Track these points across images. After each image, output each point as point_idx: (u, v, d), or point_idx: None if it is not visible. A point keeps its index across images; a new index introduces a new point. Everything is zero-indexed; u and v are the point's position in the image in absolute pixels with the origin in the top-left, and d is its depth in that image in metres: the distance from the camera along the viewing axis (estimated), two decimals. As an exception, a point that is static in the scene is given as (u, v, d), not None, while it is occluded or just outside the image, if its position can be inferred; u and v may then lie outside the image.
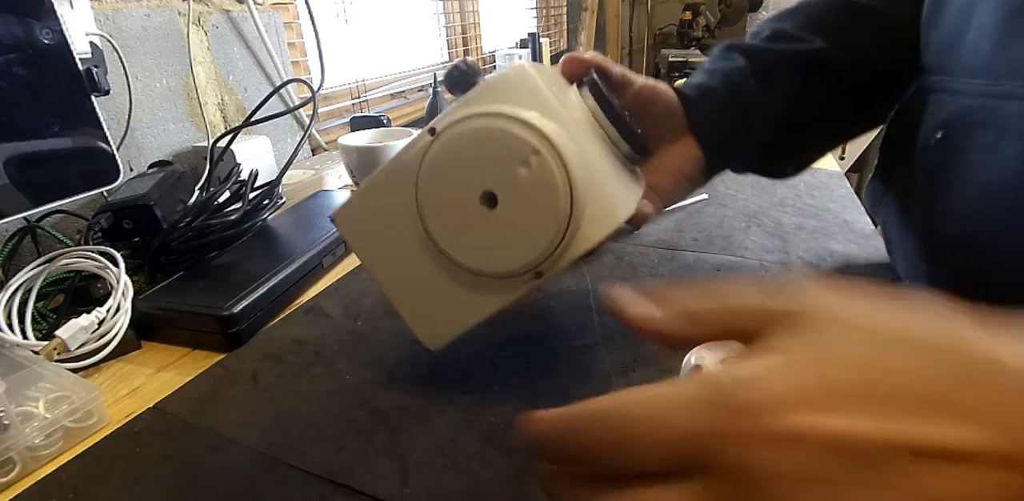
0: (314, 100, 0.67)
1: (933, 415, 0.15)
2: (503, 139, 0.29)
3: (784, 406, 0.15)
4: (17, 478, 0.32)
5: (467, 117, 0.29)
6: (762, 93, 0.43)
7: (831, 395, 0.15)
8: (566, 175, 0.28)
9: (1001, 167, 0.32)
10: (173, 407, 0.37)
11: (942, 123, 0.37)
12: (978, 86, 0.34)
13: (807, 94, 0.43)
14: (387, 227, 0.34)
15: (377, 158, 0.73)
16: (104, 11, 0.64)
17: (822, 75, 0.43)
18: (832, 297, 0.18)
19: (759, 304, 0.19)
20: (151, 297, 0.46)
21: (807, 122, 0.44)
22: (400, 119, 1.24)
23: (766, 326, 0.18)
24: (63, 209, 0.56)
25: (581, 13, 2.50)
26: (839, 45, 0.43)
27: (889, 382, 0.15)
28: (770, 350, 0.17)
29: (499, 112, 0.29)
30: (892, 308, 0.18)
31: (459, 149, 0.30)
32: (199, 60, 0.77)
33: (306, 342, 0.44)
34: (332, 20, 1.09)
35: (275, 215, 0.60)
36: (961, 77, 0.35)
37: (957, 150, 0.35)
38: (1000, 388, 0.15)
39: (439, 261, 0.32)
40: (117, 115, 0.66)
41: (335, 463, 0.32)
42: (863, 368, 0.16)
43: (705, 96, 0.43)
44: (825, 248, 0.55)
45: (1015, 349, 0.16)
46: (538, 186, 0.29)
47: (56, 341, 0.40)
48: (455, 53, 1.52)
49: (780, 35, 0.45)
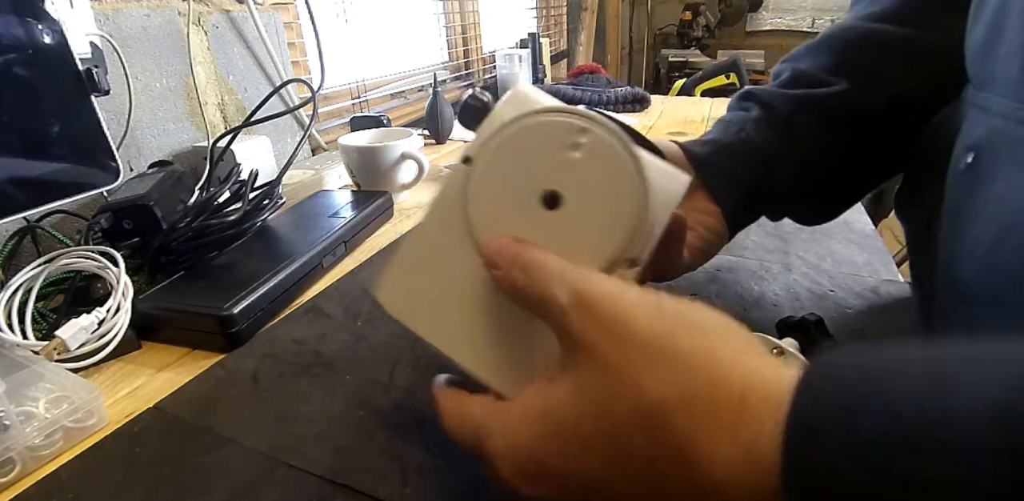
0: (314, 100, 0.67)
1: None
2: (543, 131, 0.27)
3: (502, 454, 0.23)
4: (17, 478, 0.32)
5: (496, 131, 0.27)
6: (782, 144, 0.40)
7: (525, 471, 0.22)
8: (619, 142, 0.26)
9: (1018, 206, 0.28)
10: (173, 407, 0.37)
11: (973, 145, 0.32)
12: (1009, 107, 0.29)
13: (833, 139, 0.41)
14: (444, 288, 0.28)
15: (377, 158, 0.73)
16: (104, 11, 0.64)
17: (849, 119, 0.40)
18: (602, 338, 0.21)
19: (553, 312, 0.23)
20: (151, 297, 0.46)
21: (836, 168, 0.41)
22: (400, 119, 1.24)
23: (559, 337, 0.23)
24: (63, 209, 0.56)
25: (581, 13, 2.50)
26: (870, 81, 0.40)
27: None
28: (549, 388, 0.23)
29: (525, 112, 0.27)
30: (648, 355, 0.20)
31: (503, 160, 0.27)
32: (199, 60, 0.77)
33: (306, 342, 0.44)
34: (332, 20, 1.09)
35: (275, 215, 0.60)
36: (994, 94, 0.31)
37: (985, 179, 0.30)
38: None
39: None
40: (117, 115, 0.66)
41: (335, 463, 0.32)
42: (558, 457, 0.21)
43: (716, 153, 0.40)
44: (825, 248, 0.55)
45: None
46: (599, 162, 0.26)
47: (56, 341, 0.40)
48: (455, 53, 1.52)
49: (800, 78, 0.42)
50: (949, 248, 0.34)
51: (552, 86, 1.34)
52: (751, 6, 3.52)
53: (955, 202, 0.34)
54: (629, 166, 0.26)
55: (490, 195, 0.27)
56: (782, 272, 0.50)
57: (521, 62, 1.42)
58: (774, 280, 0.49)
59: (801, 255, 0.54)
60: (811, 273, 0.50)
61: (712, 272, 0.51)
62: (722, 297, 0.47)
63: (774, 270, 0.51)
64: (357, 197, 0.68)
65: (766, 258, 0.53)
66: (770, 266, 0.52)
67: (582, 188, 0.26)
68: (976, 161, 0.32)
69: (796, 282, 0.49)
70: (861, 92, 0.40)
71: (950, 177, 0.35)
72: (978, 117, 0.32)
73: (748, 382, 0.18)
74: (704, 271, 0.51)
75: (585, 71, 1.43)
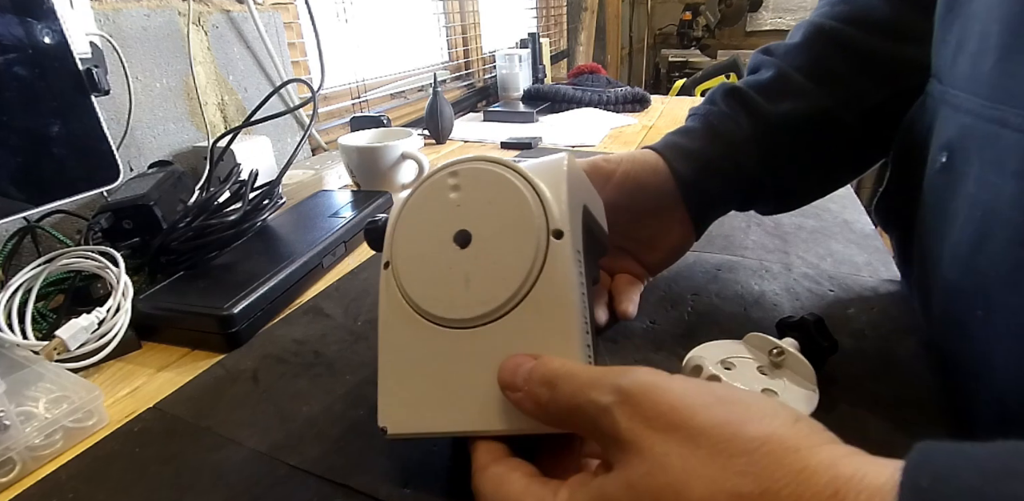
0: (314, 100, 0.67)
1: None
2: (424, 194, 0.29)
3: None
4: (17, 478, 0.32)
5: (393, 223, 0.30)
6: (765, 158, 0.41)
7: None
8: (483, 161, 0.29)
9: (993, 208, 0.27)
10: (173, 407, 0.37)
11: (946, 144, 0.32)
12: (978, 105, 0.29)
13: (813, 149, 0.42)
14: (430, 382, 0.28)
15: (377, 158, 0.73)
16: (104, 11, 0.64)
17: (829, 131, 0.41)
18: (652, 440, 0.20)
19: (594, 422, 0.21)
20: (151, 297, 0.46)
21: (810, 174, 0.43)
22: (400, 119, 1.24)
23: (602, 442, 0.22)
24: (63, 209, 0.56)
25: (581, 13, 2.50)
26: (847, 94, 0.41)
27: None
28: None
29: (403, 200, 0.30)
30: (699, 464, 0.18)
31: (407, 227, 0.30)
32: (199, 60, 0.77)
33: (306, 342, 0.44)
34: (332, 20, 1.08)
35: (275, 215, 0.60)
36: (963, 91, 0.31)
37: (959, 178, 0.30)
38: None
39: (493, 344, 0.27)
40: (117, 115, 0.66)
41: (335, 463, 0.32)
42: None
43: (702, 172, 0.41)
44: (825, 248, 0.55)
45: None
46: (473, 183, 0.28)
47: (56, 341, 0.40)
48: (455, 53, 1.52)
49: (785, 85, 0.42)
50: (933, 249, 0.34)
51: (552, 86, 1.34)
52: (751, 6, 3.52)
53: (934, 203, 0.34)
54: (498, 169, 0.28)
55: (414, 264, 0.29)
56: (782, 272, 0.50)
57: (521, 62, 1.42)
58: (774, 280, 0.49)
59: (801, 255, 0.54)
60: (811, 273, 0.50)
61: (712, 272, 0.51)
62: (722, 297, 0.47)
63: (774, 270, 0.51)
64: (357, 197, 0.68)
65: (766, 258, 0.53)
66: (770, 266, 0.52)
67: (479, 211, 0.28)
68: (950, 161, 0.32)
69: (796, 282, 0.49)
70: (839, 107, 0.41)
71: (927, 177, 0.35)
72: (949, 115, 0.32)
73: (838, 472, 0.17)
74: (704, 271, 0.51)
75: (585, 71, 1.43)
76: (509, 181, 0.28)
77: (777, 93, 0.42)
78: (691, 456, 0.18)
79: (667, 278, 0.50)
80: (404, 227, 0.30)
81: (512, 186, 0.28)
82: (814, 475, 0.17)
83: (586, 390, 0.22)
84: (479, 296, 0.27)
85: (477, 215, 0.28)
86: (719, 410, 0.19)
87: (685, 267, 0.52)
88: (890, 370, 0.37)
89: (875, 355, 0.39)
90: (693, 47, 3.53)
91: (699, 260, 0.53)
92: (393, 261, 0.30)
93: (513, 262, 0.27)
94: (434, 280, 0.28)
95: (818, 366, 0.34)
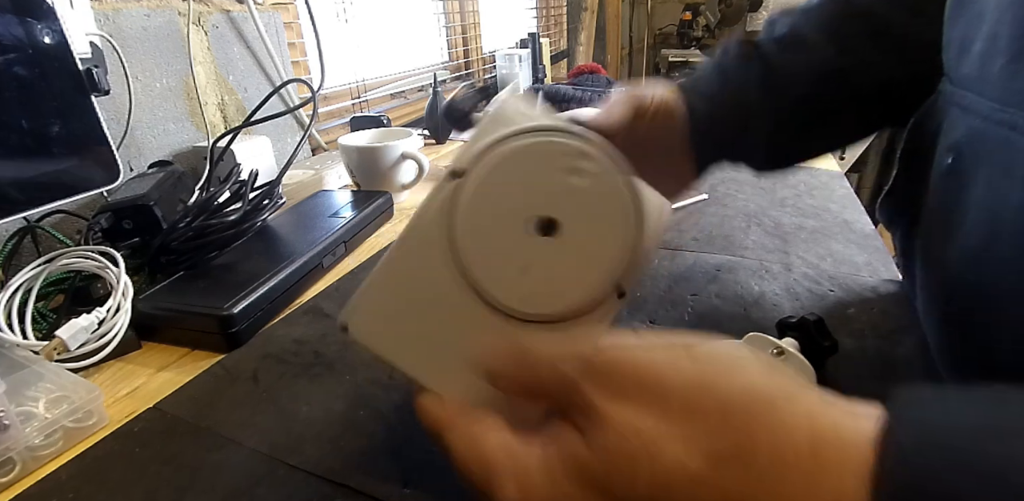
0: (314, 100, 0.67)
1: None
2: (542, 152, 0.26)
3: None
4: (17, 478, 0.32)
5: (489, 147, 0.26)
6: (772, 105, 0.41)
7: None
8: (618, 169, 0.25)
9: (1001, 213, 0.26)
10: (173, 407, 0.37)
11: (953, 145, 0.32)
12: (987, 108, 0.28)
13: (820, 105, 0.41)
14: (421, 318, 0.26)
15: (377, 158, 0.72)
16: (104, 11, 0.64)
17: (839, 88, 0.40)
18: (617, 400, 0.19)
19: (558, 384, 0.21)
20: (151, 297, 0.46)
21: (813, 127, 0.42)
22: (400, 119, 1.24)
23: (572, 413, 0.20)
24: (63, 209, 0.56)
25: (581, 13, 2.50)
26: (859, 60, 0.40)
27: None
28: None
29: (523, 128, 0.26)
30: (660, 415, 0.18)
31: (497, 180, 0.26)
32: (199, 60, 0.77)
33: (306, 342, 0.44)
34: (332, 20, 1.08)
35: (275, 215, 0.60)
36: (972, 93, 0.30)
37: (966, 181, 0.30)
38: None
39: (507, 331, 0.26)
40: (117, 115, 0.66)
41: (335, 463, 0.32)
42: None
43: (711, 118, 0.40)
44: (825, 248, 0.55)
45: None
46: (599, 190, 0.25)
47: (56, 341, 0.40)
48: (455, 53, 1.52)
49: (799, 42, 0.41)
50: (937, 251, 0.33)
51: (552, 86, 1.34)
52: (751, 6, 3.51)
53: (940, 204, 0.34)
54: (627, 197, 0.26)
55: (480, 216, 0.26)
56: (782, 272, 0.50)
57: (521, 62, 1.42)
58: (774, 280, 0.49)
59: (801, 255, 0.54)
60: (811, 273, 0.50)
61: (712, 272, 0.51)
62: (722, 297, 0.47)
63: (774, 270, 0.51)
64: (357, 197, 0.68)
65: (766, 258, 0.53)
66: (770, 266, 0.52)
67: (580, 216, 0.25)
68: (957, 162, 0.31)
69: (796, 282, 0.49)
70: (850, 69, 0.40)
71: (934, 178, 0.34)
72: (958, 116, 0.32)
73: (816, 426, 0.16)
74: (704, 271, 0.51)
75: (585, 71, 1.43)
76: (626, 207, 0.26)
77: (789, 48, 0.41)
78: (663, 417, 0.18)
79: (667, 278, 0.50)
80: (496, 171, 0.26)
81: (626, 221, 0.26)
82: (794, 431, 0.16)
83: (553, 364, 0.21)
84: (531, 294, 0.25)
85: (576, 216, 0.26)
86: (688, 367, 0.19)
87: (685, 267, 0.52)
88: (890, 370, 0.37)
89: (875, 355, 0.39)
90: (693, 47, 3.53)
91: (699, 260, 0.53)
92: (462, 194, 0.26)
93: (580, 287, 0.25)
94: (494, 249, 0.26)
95: (818, 366, 0.34)
